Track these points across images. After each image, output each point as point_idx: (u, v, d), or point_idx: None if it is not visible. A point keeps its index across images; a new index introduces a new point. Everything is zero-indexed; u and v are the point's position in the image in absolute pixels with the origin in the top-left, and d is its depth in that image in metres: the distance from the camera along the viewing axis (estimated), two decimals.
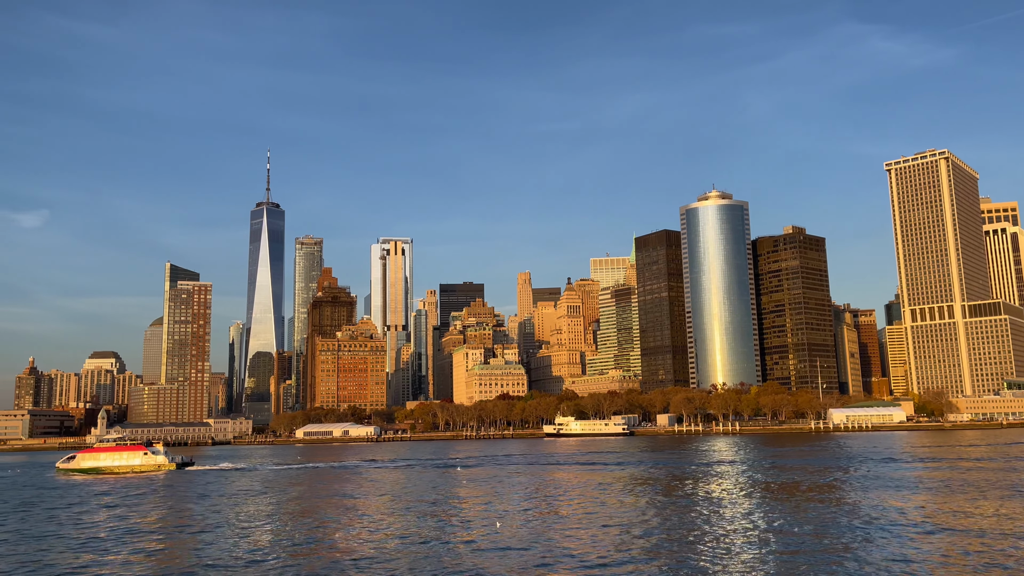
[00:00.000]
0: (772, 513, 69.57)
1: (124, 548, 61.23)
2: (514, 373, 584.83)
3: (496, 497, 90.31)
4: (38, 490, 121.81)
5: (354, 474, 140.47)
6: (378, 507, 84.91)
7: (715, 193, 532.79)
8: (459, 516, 74.11)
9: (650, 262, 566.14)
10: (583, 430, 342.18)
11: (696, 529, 61.71)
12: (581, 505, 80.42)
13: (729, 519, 66.60)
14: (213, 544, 61.40)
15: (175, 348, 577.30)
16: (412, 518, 73.09)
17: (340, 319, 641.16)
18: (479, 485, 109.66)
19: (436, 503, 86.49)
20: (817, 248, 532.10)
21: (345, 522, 72.28)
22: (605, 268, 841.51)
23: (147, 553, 59.21)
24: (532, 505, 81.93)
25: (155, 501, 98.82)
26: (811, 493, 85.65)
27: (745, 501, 79.93)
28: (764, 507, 74.07)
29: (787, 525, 62.35)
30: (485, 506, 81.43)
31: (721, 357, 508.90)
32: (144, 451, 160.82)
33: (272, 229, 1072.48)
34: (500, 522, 66.02)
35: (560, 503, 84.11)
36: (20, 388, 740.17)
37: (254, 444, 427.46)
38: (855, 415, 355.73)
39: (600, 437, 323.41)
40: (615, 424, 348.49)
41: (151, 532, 70.33)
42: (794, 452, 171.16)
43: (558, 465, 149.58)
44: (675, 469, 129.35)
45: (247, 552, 57.37)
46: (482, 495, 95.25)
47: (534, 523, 67.85)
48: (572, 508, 77.91)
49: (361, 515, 77.41)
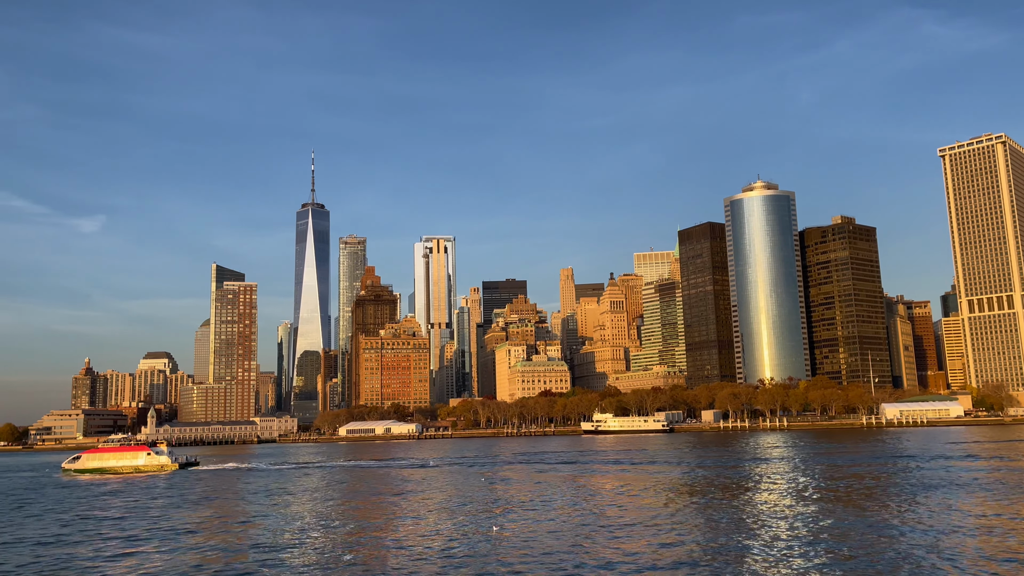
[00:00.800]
0: (831, 519, 62.28)
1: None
2: (556, 370, 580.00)
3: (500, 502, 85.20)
4: (37, 491, 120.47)
5: (360, 474, 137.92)
6: (348, 512, 78.73)
7: (760, 184, 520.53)
8: (454, 521, 69.40)
9: (694, 255, 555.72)
10: (622, 427, 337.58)
11: (744, 538, 56.58)
12: (614, 512, 74.76)
13: (778, 527, 60.19)
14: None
15: (222, 348, 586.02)
16: (394, 528, 65.98)
17: (383, 317, 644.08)
18: (495, 487, 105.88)
19: (430, 507, 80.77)
20: (867, 238, 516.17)
21: (301, 529, 66.62)
22: (649, 263, 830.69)
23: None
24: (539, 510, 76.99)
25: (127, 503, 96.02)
26: (872, 497, 77.53)
27: (798, 506, 71.54)
28: (822, 512, 66.55)
29: (849, 533, 55.96)
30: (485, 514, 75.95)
31: (768, 351, 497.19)
32: (147, 451, 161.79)
33: (317, 230, 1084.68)
34: (497, 527, 61.54)
35: (582, 507, 79.70)
36: (76, 388, 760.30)
37: (298, 442, 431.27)
38: (909, 410, 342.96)
39: (639, 434, 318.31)
40: (654, 420, 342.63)
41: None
42: (847, 449, 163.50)
43: (595, 465, 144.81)
44: (717, 470, 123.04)
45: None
46: (488, 499, 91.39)
47: (532, 526, 63.21)
48: (600, 515, 72.71)
49: (326, 521, 71.07)
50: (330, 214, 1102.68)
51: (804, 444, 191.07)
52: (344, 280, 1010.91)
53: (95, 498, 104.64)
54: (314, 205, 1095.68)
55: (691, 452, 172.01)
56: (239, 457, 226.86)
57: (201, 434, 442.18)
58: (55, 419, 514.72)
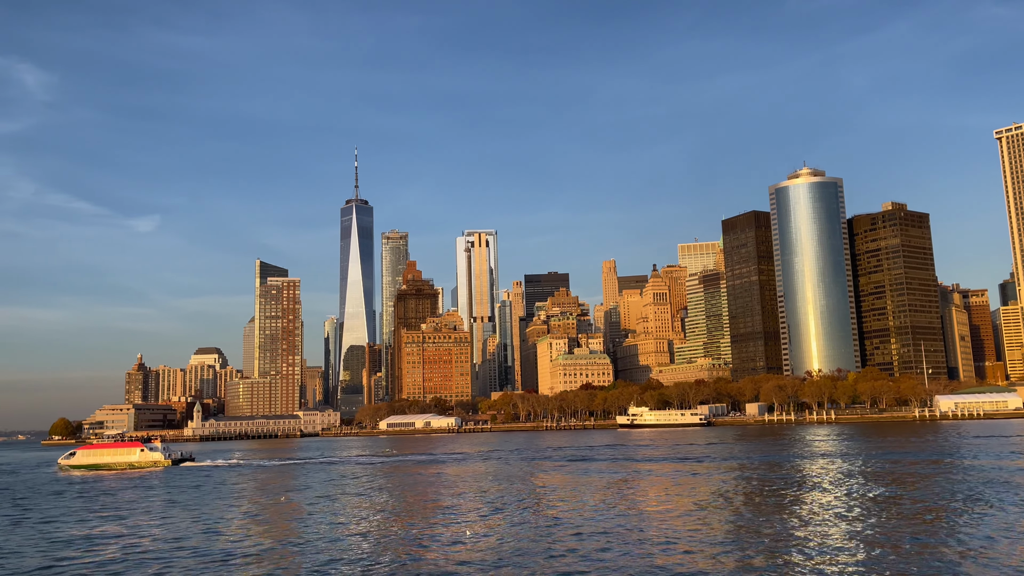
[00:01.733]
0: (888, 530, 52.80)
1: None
2: (598, 363, 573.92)
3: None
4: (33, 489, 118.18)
5: (349, 470, 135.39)
6: (308, 520, 68.52)
7: (806, 170, 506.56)
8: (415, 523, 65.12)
9: (738, 245, 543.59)
10: (658, 420, 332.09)
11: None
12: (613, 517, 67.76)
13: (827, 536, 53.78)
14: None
15: (266, 343, 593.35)
16: (358, 538, 58.39)
17: (424, 311, 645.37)
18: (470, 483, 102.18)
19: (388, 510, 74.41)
20: (920, 225, 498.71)
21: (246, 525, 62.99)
22: (693, 254, 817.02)
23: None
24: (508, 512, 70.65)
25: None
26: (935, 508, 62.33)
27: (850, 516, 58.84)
28: (878, 522, 55.83)
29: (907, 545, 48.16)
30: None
31: (816, 343, 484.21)
32: (141, 448, 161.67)
33: (361, 226, 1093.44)
34: (470, 529, 57.25)
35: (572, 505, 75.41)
36: (130, 383, 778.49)
37: (340, 436, 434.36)
38: (965, 402, 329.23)
39: (676, 428, 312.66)
40: (691, 414, 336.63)
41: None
42: (901, 443, 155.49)
43: (638, 461, 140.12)
44: (748, 468, 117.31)
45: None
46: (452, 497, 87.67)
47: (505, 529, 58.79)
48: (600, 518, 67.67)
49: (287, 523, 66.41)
50: (374, 210, 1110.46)
51: (855, 438, 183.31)
52: (387, 275, 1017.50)
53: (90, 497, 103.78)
54: (358, 201, 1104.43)
55: (740, 447, 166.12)
56: (258, 452, 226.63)
57: (245, 428, 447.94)
58: (107, 413, 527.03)
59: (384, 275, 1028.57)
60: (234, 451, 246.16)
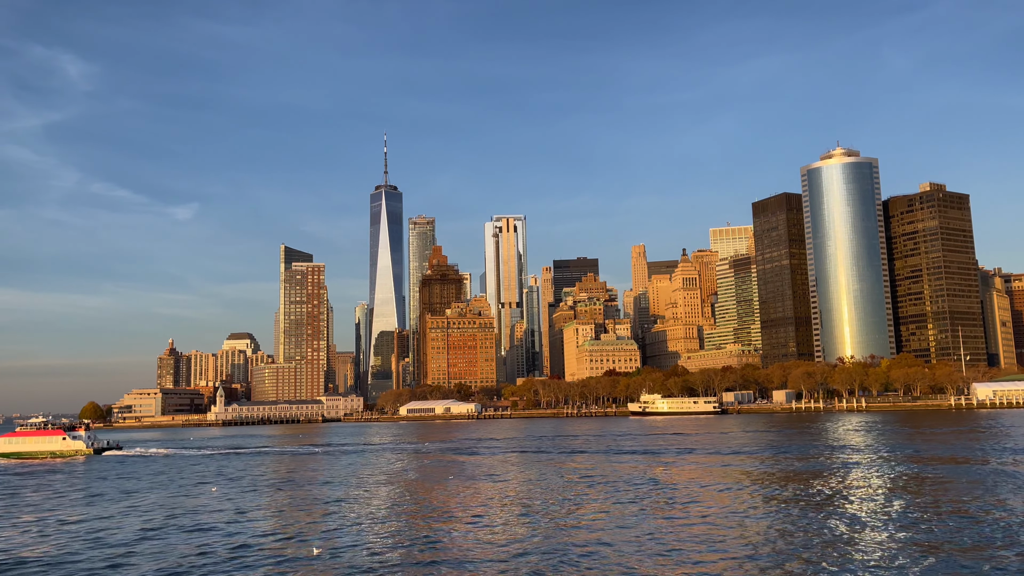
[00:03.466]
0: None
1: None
2: (626, 349, 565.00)
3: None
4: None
5: (299, 462, 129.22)
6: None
7: (839, 151, 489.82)
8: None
9: (769, 228, 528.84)
10: (671, 408, 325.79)
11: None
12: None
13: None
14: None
15: (291, 328, 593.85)
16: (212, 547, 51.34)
17: (449, 296, 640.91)
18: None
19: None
20: (959, 206, 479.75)
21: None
22: (725, 238, 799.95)
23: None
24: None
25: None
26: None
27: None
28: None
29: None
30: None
31: (849, 328, 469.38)
32: (63, 436, 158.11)
33: (391, 212, 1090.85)
34: (318, 549, 47.76)
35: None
36: (161, 368, 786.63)
37: (362, 421, 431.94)
38: (1004, 389, 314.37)
39: (688, 416, 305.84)
40: (705, 402, 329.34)
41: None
42: (941, 436, 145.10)
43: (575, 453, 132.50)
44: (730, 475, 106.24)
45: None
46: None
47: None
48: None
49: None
50: (403, 196, 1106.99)
51: (887, 429, 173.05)
52: (414, 260, 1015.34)
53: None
54: (387, 187, 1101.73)
55: (740, 439, 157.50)
56: (186, 442, 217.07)
57: (267, 413, 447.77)
58: (135, 398, 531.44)
59: (411, 261, 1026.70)
60: (192, 438, 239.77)
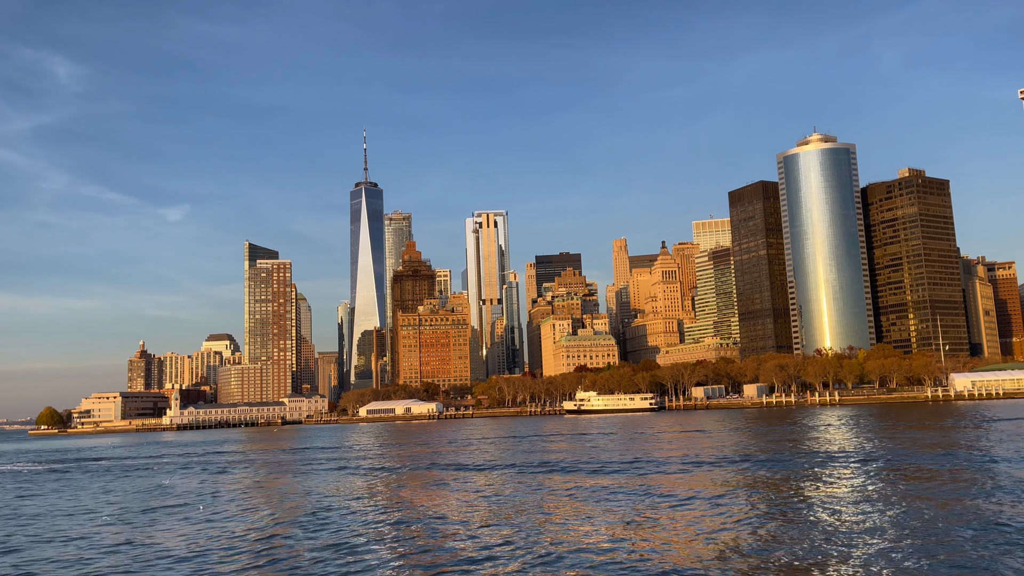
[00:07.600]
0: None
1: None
2: (603, 344, 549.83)
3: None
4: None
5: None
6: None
7: (816, 136, 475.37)
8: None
9: (745, 218, 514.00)
10: (606, 405, 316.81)
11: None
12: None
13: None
14: None
15: (256, 327, 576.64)
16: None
17: (422, 293, 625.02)
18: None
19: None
20: (939, 192, 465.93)
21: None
22: (708, 231, 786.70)
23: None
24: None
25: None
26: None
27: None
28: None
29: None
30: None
31: (828, 319, 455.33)
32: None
33: (371, 209, 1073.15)
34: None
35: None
36: (132, 371, 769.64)
37: (320, 423, 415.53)
38: (983, 380, 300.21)
39: (624, 413, 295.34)
40: (641, 399, 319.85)
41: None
42: (925, 437, 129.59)
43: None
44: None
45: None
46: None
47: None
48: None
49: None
50: (384, 193, 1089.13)
51: (862, 423, 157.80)
52: (390, 257, 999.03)
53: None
54: (367, 184, 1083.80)
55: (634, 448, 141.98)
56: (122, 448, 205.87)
57: (225, 416, 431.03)
58: (94, 402, 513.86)
59: (388, 257, 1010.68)
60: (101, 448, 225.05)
